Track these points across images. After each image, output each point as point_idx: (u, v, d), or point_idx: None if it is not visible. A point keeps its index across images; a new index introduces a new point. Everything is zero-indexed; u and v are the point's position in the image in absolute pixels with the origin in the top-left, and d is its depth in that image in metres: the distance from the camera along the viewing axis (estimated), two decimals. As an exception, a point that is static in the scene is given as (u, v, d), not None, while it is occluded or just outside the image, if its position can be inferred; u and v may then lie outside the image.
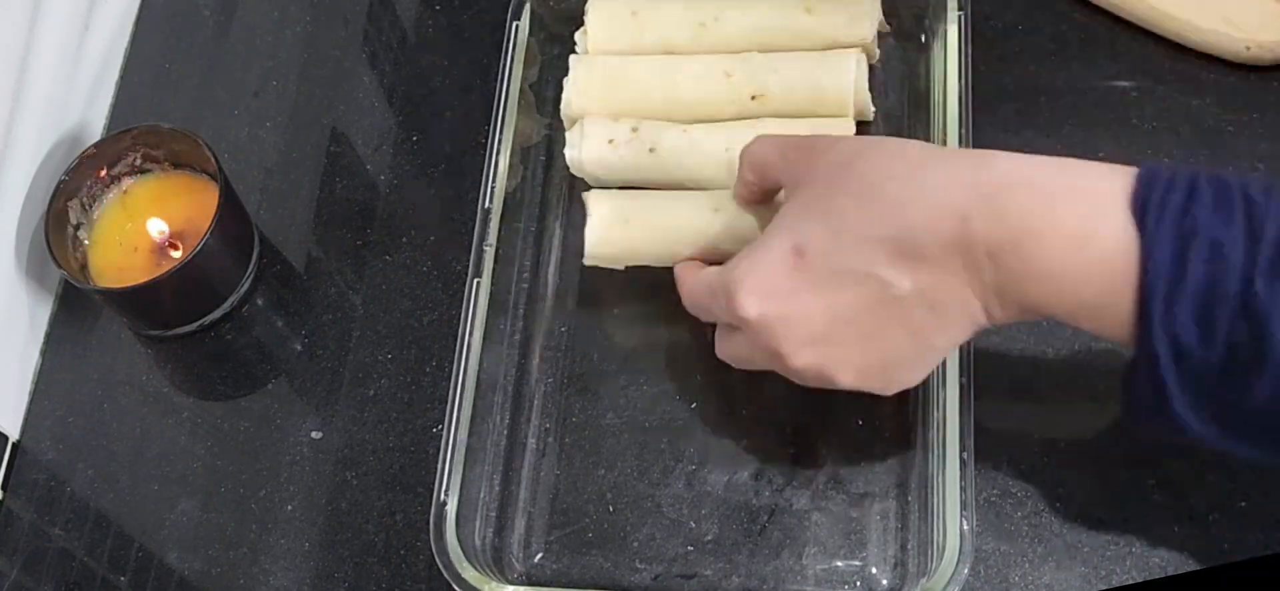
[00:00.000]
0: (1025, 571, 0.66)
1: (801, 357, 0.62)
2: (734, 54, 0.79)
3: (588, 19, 0.81)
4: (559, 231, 0.78)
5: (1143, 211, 0.53)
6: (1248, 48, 0.77)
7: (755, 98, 0.77)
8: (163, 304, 0.77)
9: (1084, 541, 0.67)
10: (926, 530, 0.66)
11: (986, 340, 0.72)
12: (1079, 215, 0.55)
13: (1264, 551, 0.66)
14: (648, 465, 0.71)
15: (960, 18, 0.77)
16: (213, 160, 0.76)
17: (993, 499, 0.68)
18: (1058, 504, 0.68)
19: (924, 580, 0.64)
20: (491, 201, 0.75)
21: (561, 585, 0.68)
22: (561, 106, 0.80)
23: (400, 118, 0.85)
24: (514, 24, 0.81)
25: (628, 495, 0.71)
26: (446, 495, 0.67)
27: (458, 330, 0.72)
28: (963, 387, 0.66)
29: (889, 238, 0.58)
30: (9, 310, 0.78)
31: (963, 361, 0.67)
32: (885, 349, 0.61)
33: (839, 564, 0.68)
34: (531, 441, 0.73)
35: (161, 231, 0.78)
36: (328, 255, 0.81)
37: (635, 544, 0.69)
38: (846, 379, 0.62)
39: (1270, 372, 0.51)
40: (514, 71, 0.79)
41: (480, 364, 0.71)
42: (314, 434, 0.75)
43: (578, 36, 0.82)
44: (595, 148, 0.77)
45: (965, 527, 0.63)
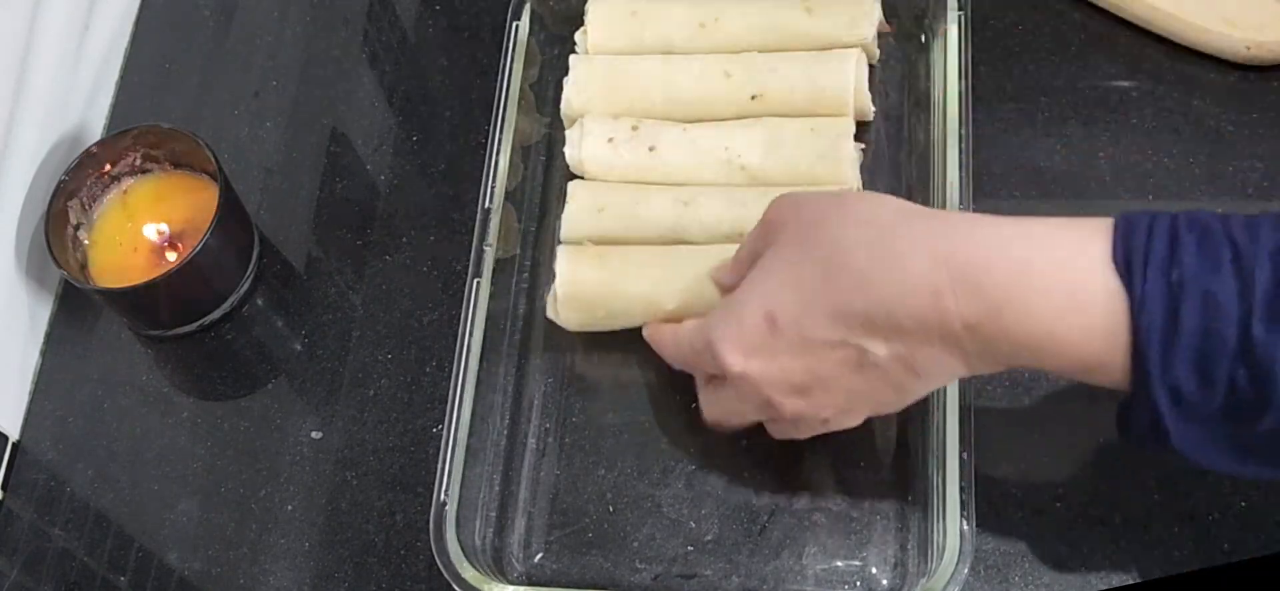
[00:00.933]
0: (1025, 571, 0.66)
1: (790, 404, 0.62)
2: (734, 54, 0.79)
3: (588, 19, 0.81)
4: (559, 231, 0.78)
5: (1127, 268, 0.52)
6: (1248, 48, 0.77)
7: (755, 97, 0.77)
8: (163, 304, 0.77)
9: (1084, 541, 0.67)
10: (926, 530, 0.66)
11: (986, 340, 0.72)
12: (1059, 281, 0.54)
13: (1264, 551, 0.66)
14: (648, 465, 0.71)
15: (960, 18, 0.77)
16: (213, 160, 0.76)
17: (993, 499, 0.68)
18: (1058, 504, 0.68)
19: (924, 580, 0.64)
20: (491, 201, 0.75)
21: (561, 585, 0.68)
22: (561, 106, 0.80)
23: (400, 118, 0.85)
24: (514, 24, 0.81)
25: (628, 495, 0.71)
26: (446, 495, 0.67)
27: (458, 330, 0.72)
28: (963, 388, 0.66)
29: (860, 312, 0.57)
30: (9, 310, 0.78)
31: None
32: (865, 402, 0.62)
33: (839, 564, 0.68)
34: (531, 441, 0.73)
35: (161, 231, 0.78)
36: (328, 255, 0.81)
37: (635, 544, 0.69)
38: (835, 418, 0.63)
39: (1275, 412, 0.50)
40: (514, 71, 0.79)
41: (480, 364, 0.71)
42: (314, 434, 0.75)
43: (578, 36, 0.82)
44: (595, 146, 0.77)
45: (965, 527, 0.63)
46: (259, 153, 0.85)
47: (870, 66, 0.79)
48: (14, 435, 0.77)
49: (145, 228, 0.78)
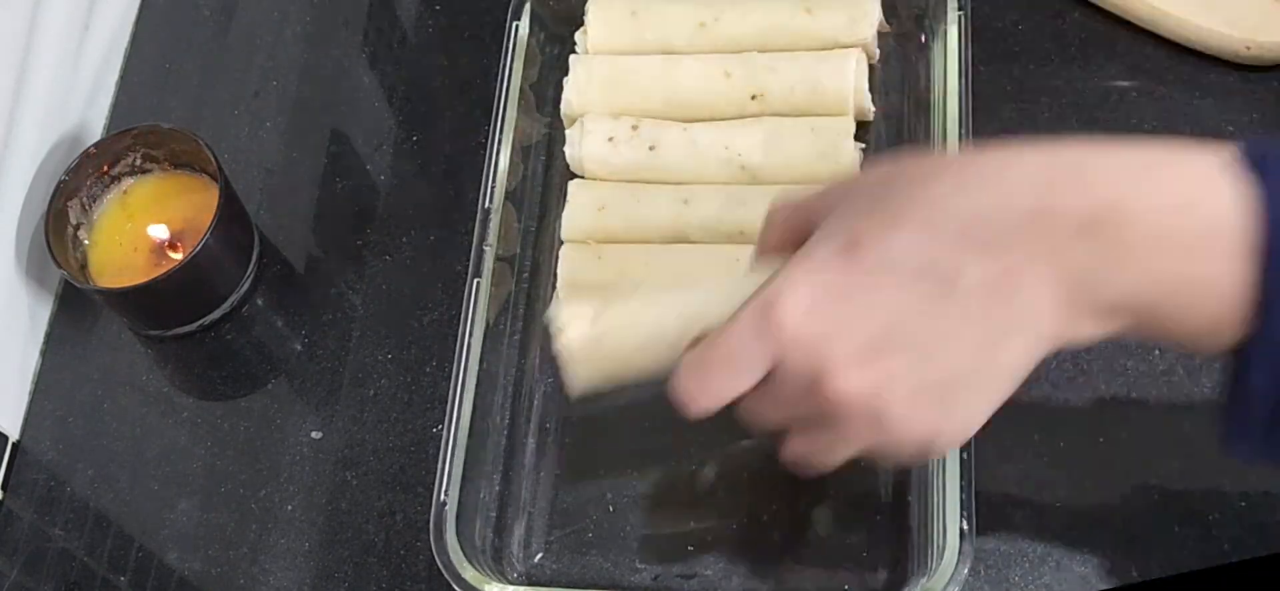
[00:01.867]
0: (1025, 571, 0.66)
1: (850, 378, 0.52)
2: (734, 54, 0.79)
3: (588, 19, 0.81)
4: (559, 231, 0.78)
5: (1258, 169, 0.47)
6: (1248, 48, 0.77)
7: (755, 97, 0.77)
8: (163, 304, 0.77)
9: (1084, 541, 0.66)
10: (926, 530, 0.66)
11: (986, 340, 0.72)
12: (1179, 181, 0.49)
13: (1264, 551, 0.66)
14: (648, 465, 0.71)
15: (960, 18, 0.76)
16: (213, 160, 0.76)
17: (993, 499, 0.68)
18: (1058, 504, 0.68)
19: (924, 580, 0.64)
20: (491, 201, 0.75)
21: (561, 585, 0.68)
22: (562, 106, 0.80)
23: (400, 118, 0.85)
24: (514, 24, 0.81)
25: (628, 495, 0.71)
26: (446, 495, 0.67)
27: (458, 330, 0.72)
28: (963, 387, 0.66)
29: (955, 219, 0.50)
30: (9, 310, 0.78)
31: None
32: (944, 364, 0.52)
33: (839, 564, 0.67)
34: (531, 441, 0.73)
35: (161, 232, 0.78)
36: (328, 255, 0.81)
37: (635, 544, 0.69)
38: (899, 406, 0.52)
39: None
40: (514, 71, 0.79)
41: (480, 364, 0.71)
42: (314, 434, 0.75)
43: (578, 36, 0.82)
44: (595, 145, 0.77)
45: (965, 527, 0.63)
46: (259, 153, 0.85)
47: (870, 66, 0.79)
48: (14, 435, 0.77)
49: (145, 227, 0.78)
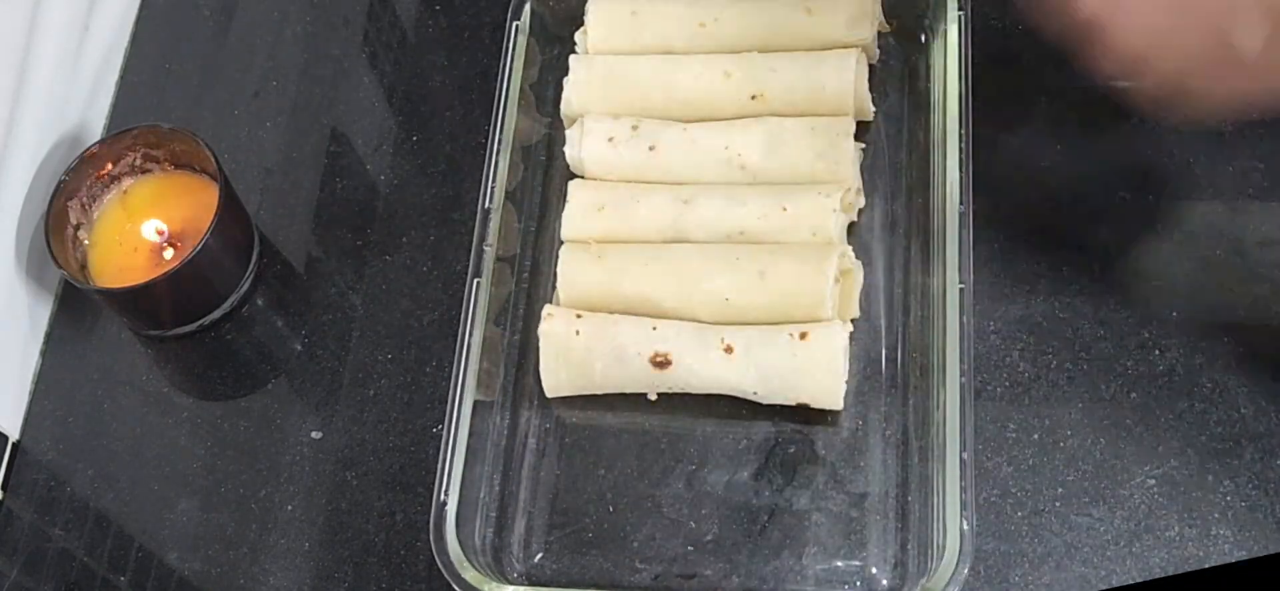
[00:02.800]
0: (1025, 571, 0.66)
1: None
2: (734, 54, 0.79)
3: (588, 19, 0.81)
4: (559, 231, 0.78)
5: None
6: (1248, 47, 0.77)
7: (755, 97, 0.77)
8: (162, 304, 0.77)
9: (1084, 541, 0.67)
10: (926, 530, 0.66)
11: (986, 339, 0.72)
12: None
13: (1264, 551, 0.66)
14: (648, 465, 0.71)
15: (960, 18, 0.76)
16: (213, 160, 0.76)
17: (993, 499, 0.68)
18: (1058, 504, 0.68)
19: (924, 580, 0.64)
20: (491, 201, 0.75)
21: (561, 585, 0.68)
22: (561, 106, 0.80)
23: (400, 118, 0.85)
24: (514, 24, 0.81)
25: (628, 495, 0.71)
26: (446, 495, 0.67)
27: (458, 330, 0.72)
28: (963, 388, 0.66)
29: None
30: (9, 310, 0.78)
31: (963, 361, 0.67)
32: None
33: (839, 564, 0.68)
34: (531, 441, 0.73)
35: (161, 231, 0.78)
36: (328, 255, 0.81)
37: (635, 544, 0.69)
38: None
39: None
40: (514, 71, 0.79)
41: (480, 364, 0.71)
42: (314, 434, 0.75)
43: (578, 36, 0.82)
44: (595, 145, 0.77)
45: (965, 527, 0.63)
46: (259, 153, 0.85)
47: (870, 66, 0.79)
48: (14, 435, 0.77)
49: (145, 227, 0.78)
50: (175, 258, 0.76)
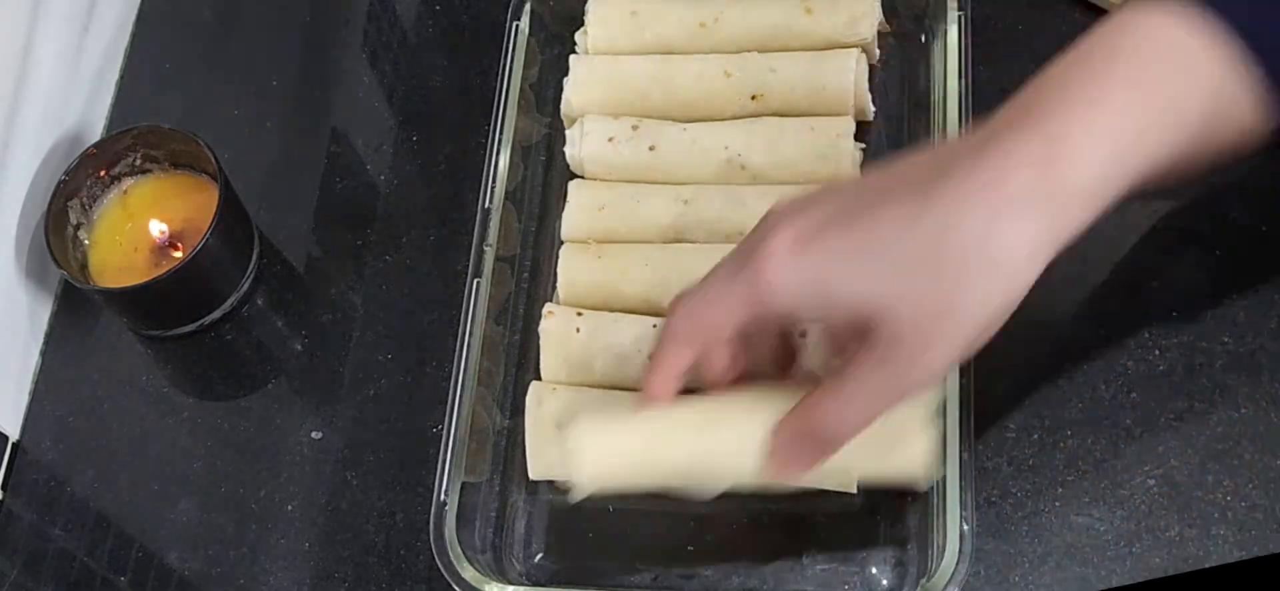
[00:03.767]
0: (1025, 571, 0.66)
1: (783, 231, 0.54)
2: (734, 54, 0.79)
3: (588, 19, 0.81)
4: (559, 231, 0.78)
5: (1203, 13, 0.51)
6: (1248, 47, 0.77)
7: (755, 97, 0.77)
8: (163, 304, 0.77)
9: (1084, 541, 0.67)
10: (926, 530, 0.66)
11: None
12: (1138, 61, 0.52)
13: (1264, 551, 0.66)
14: (648, 465, 0.71)
15: (960, 18, 0.77)
16: (213, 160, 0.76)
17: (993, 499, 0.68)
18: (1058, 504, 0.68)
19: (924, 580, 0.64)
20: (491, 201, 0.75)
21: (561, 585, 0.68)
22: (561, 106, 0.80)
23: (400, 118, 0.85)
24: (514, 24, 0.81)
25: (628, 495, 0.70)
26: (446, 495, 0.67)
27: (458, 330, 0.72)
28: (963, 388, 0.66)
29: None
30: (9, 310, 0.78)
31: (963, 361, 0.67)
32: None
33: (839, 564, 0.67)
34: (532, 441, 0.73)
35: (162, 231, 0.78)
36: (328, 255, 0.81)
37: (635, 544, 0.69)
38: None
39: None
40: (514, 71, 0.79)
41: (480, 364, 0.71)
42: (314, 434, 0.75)
43: (578, 36, 0.82)
44: (595, 146, 0.77)
45: (965, 527, 0.63)
46: (259, 153, 0.85)
47: (870, 66, 0.79)
48: (14, 435, 0.77)
49: (145, 227, 0.78)
50: (176, 257, 0.76)
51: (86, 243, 0.79)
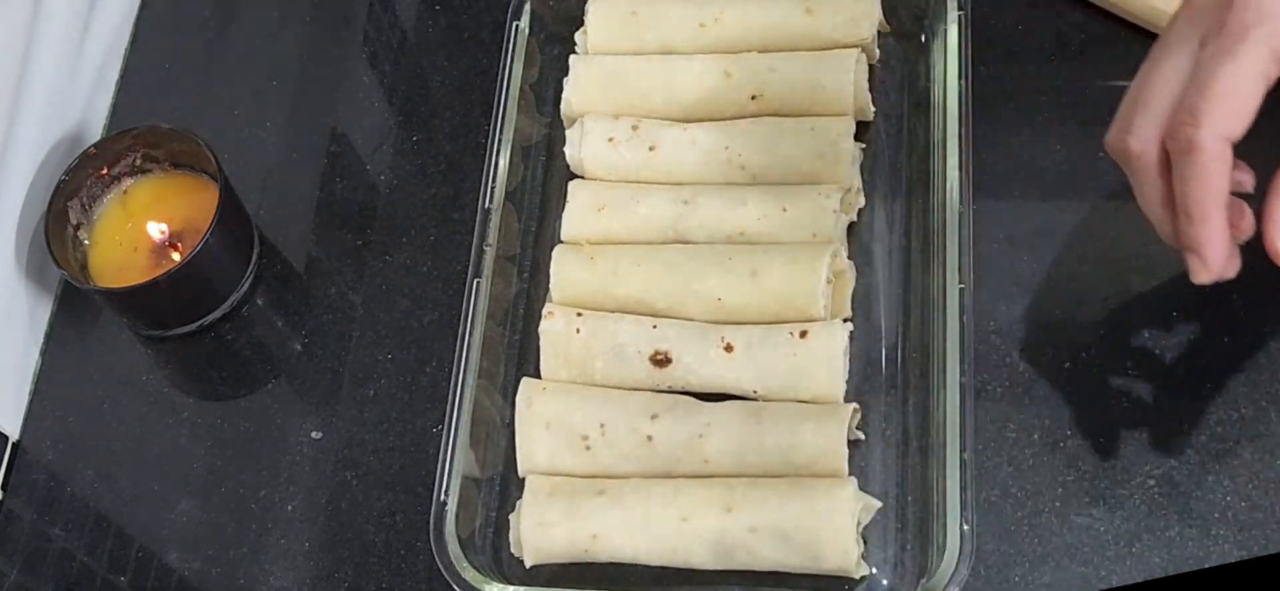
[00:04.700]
0: (1025, 571, 0.66)
1: None
2: (734, 54, 0.79)
3: (588, 19, 0.81)
4: (559, 231, 0.78)
5: None
6: (1248, 47, 0.77)
7: (755, 97, 0.77)
8: (163, 304, 0.77)
9: (1084, 541, 0.67)
10: (926, 530, 0.66)
11: (985, 339, 0.72)
12: None
13: (1264, 551, 0.66)
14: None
15: (960, 18, 0.77)
16: (213, 160, 0.76)
17: (993, 499, 0.68)
18: (1058, 504, 0.68)
19: (924, 580, 0.64)
20: (491, 201, 0.75)
21: (561, 585, 0.68)
22: (561, 106, 0.80)
23: (400, 118, 0.85)
24: (514, 24, 0.81)
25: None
26: (446, 495, 0.67)
27: (458, 330, 0.72)
28: (963, 388, 0.66)
29: None
30: (9, 310, 0.78)
31: (963, 361, 0.67)
32: None
33: (839, 564, 0.67)
34: (531, 441, 0.73)
35: (162, 231, 0.78)
36: (328, 255, 0.81)
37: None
38: None
39: None
40: (514, 71, 0.79)
41: (480, 363, 0.71)
42: (314, 434, 0.75)
43: (578, 36, 0.82)
44: (595, 146, 0.77)
45: (965, 527, 0.63)
46: (259, 153, 0.85)
47: (870, 66, 0.79)
48: (14, 435, 0.77)
49: (145, 227, 0.78)
50: (176, 258, 0.76)
51: (86, 243, 0.79)
